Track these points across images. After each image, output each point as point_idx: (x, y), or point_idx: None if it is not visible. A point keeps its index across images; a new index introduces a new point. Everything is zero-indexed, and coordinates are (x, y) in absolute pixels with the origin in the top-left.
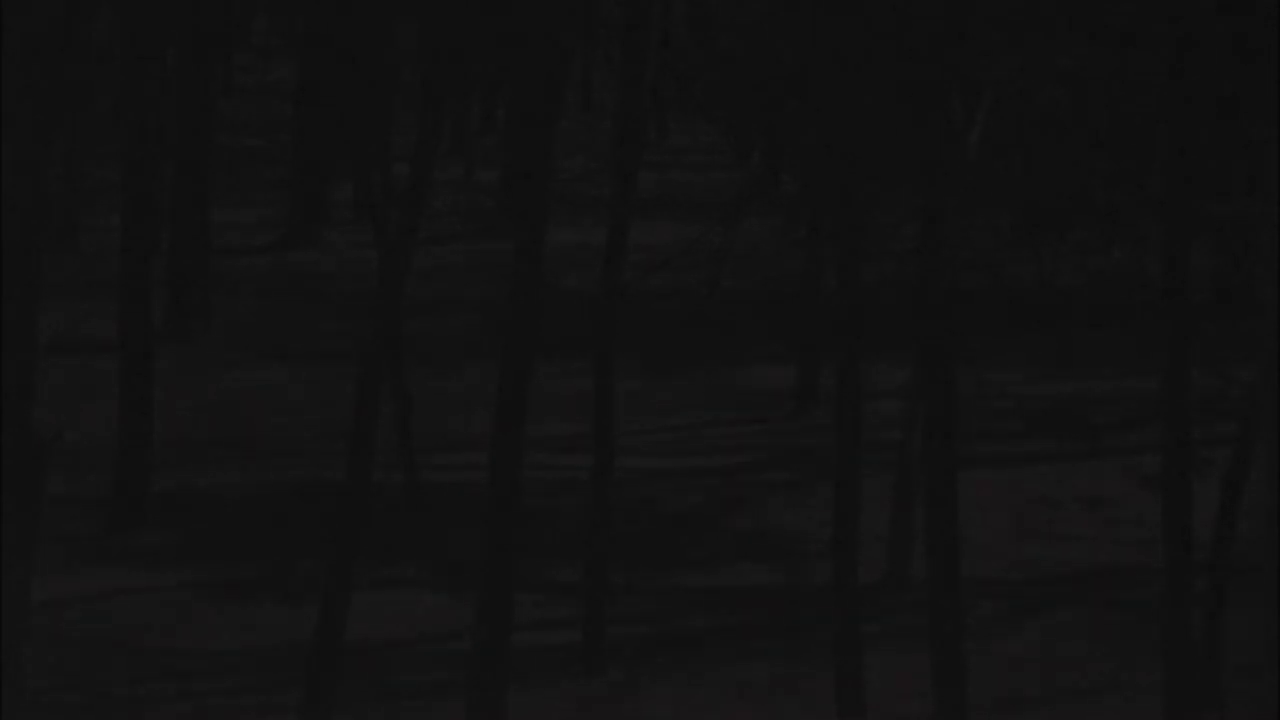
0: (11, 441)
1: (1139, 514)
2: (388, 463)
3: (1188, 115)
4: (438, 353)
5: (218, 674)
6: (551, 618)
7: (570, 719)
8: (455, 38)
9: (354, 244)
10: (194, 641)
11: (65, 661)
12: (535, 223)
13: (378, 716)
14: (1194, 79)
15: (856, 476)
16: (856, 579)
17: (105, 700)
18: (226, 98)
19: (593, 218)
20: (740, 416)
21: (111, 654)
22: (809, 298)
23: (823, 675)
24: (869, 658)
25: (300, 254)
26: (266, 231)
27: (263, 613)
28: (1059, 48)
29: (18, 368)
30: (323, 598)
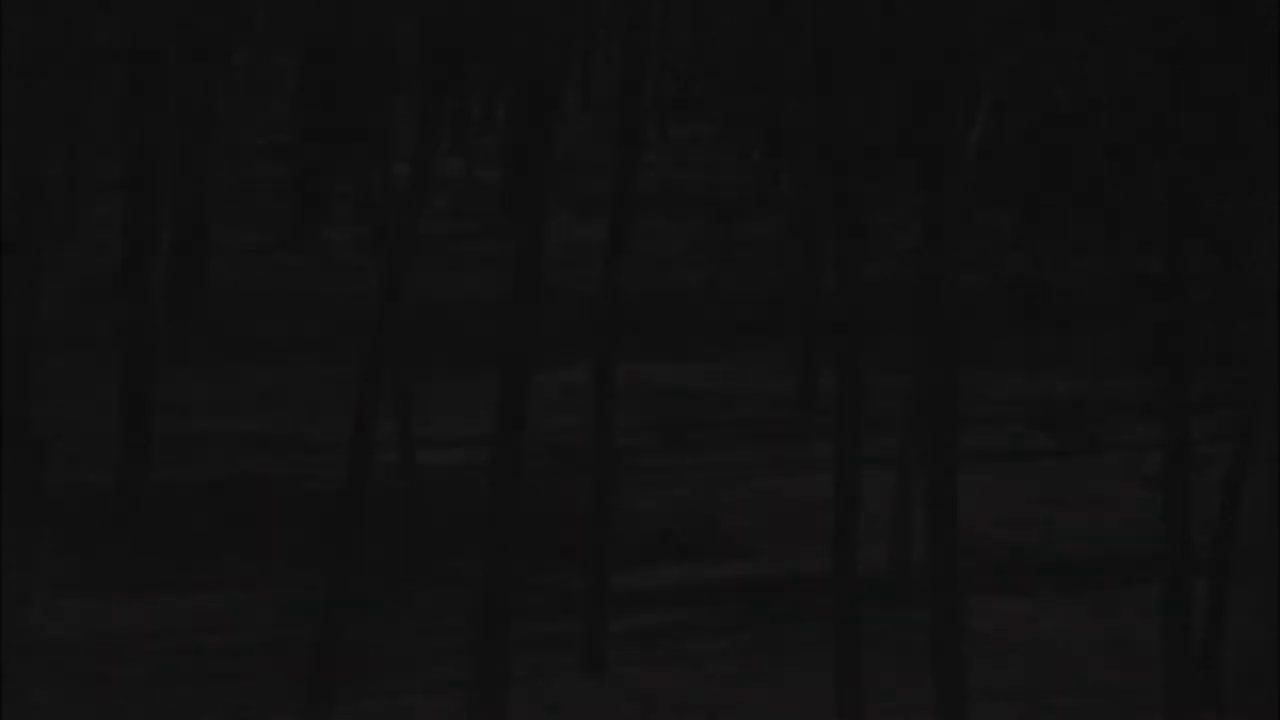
0: (11, 441)
1: (1138, 513)
2: (388, 463)
3: (1188, 115)
4: (438, 353)
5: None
6: (551, 617)
7: (570, 719)
8: (455, 37)
9: (354, 244)
10: (183, 636)
11: (58, 658)
12: (535, 223)
13: (377, 716)
14: (1194, 79)
15: (857, 476)
16: (857, 579)
17: (93, 690)
18: (226, 98)
19: (593, 217)
20: (740, 415)
21: (98, 648)
22: (809, 297)
23: (822, 673)
24: (868, 654)
25: (300, 254)
26: (266, 231)
27: (241, 611)
28: (1059, 48)
29: (18, 368)
30: (323, 597)
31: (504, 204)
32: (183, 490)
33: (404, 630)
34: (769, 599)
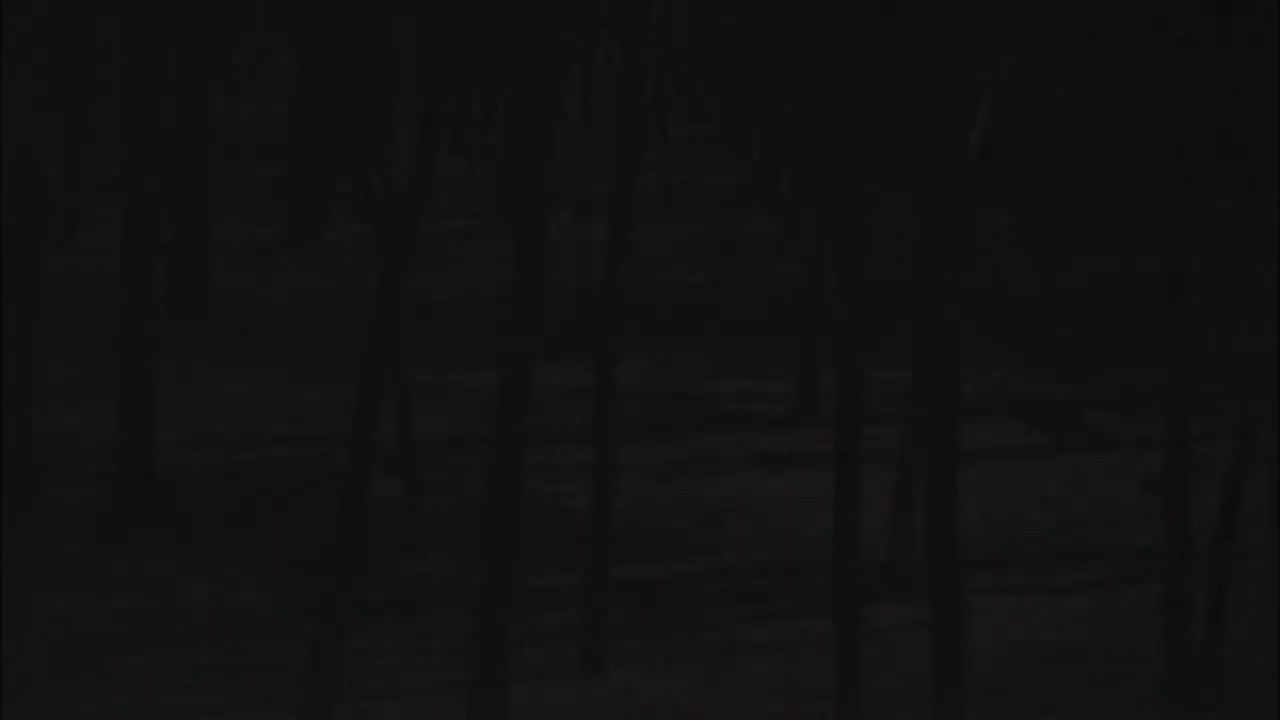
0: (11, 441)
1: (1138, 513)
2: (387, 463)
3: (1188, 115)
4: (439, 353)
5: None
6: (551, 617)
7: (570, 719)
8: (455, 37)
9: (354, 243)
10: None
11: (58, 656)
12: (535, 222)
13: (377, 716)
14: (1195, 79)
15: (857, 476)
16: (857, 578)
17: (95, 679)
18: (226, 98)
19: (593, 217)
20: (739, 415)
21: (98, 647)
22: (809, 297)
23: (823, 673)
24: (868, 654)
25: (300, 254)
26: (265, 231)
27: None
28: (1059, 47)
29: (18, 368)
30: (323, 598)
31: (504, 204)
32: (183, 490)
33: (404, 630)
34: (767, 598)
